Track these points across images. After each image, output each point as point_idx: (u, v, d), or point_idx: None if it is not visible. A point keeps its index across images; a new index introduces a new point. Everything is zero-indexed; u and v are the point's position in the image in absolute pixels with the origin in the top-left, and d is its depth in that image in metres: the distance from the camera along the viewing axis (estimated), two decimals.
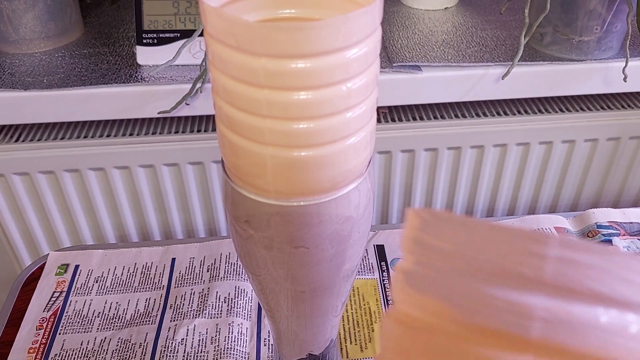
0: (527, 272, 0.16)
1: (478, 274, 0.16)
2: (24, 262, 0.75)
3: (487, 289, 0.16)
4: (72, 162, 0.67)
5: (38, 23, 0.65)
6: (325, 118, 0.22)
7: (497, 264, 0.16)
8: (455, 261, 0.17)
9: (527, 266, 0.16)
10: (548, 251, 0.16)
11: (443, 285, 0.17)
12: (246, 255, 0.28)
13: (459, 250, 0.17)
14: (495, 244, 0.16)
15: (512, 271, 0.16)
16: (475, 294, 0.16)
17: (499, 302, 0.16)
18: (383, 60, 0.64)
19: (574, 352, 0.15)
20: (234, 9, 0.24)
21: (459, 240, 0.17)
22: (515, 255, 0.16)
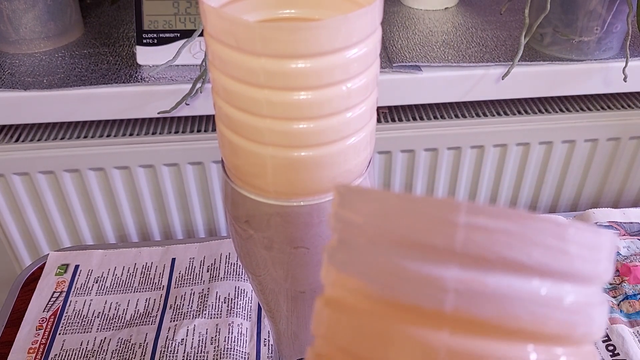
0: (439, 242, 0.15)
1: (393, 246, 0.16)
2: (24, 262, 0.75)
3: (403, 262, 0.16)
4: (72, 162, 0.67)
5: (38, 23, 0.65)
6: (325, 118, 0.22)
7: (410, 235, 0.16)
8: (371, 235, 0.17)
9: (439, 236, 0.15)
10: (458, 219, 0.15)
11: (361, 261, 0.17)
12: (246, 256, 0.28)
13: (374, 222, 0.17)
14: (408, 214, 0.16)
15: (425, 242, 0.15)
16: (391, 268, 0.16)
17: (413, 276, 0.15)
18: (383, 60, 0.64)
19: (490, 324, 0.15)
20: (234, 9, 0.24)
21: (373, 213, 0.17)
22: (427, 224, 0.15)
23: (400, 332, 0.16)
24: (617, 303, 0.50)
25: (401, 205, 0.16)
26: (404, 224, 0.16)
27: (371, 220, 0.17)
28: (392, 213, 0.16)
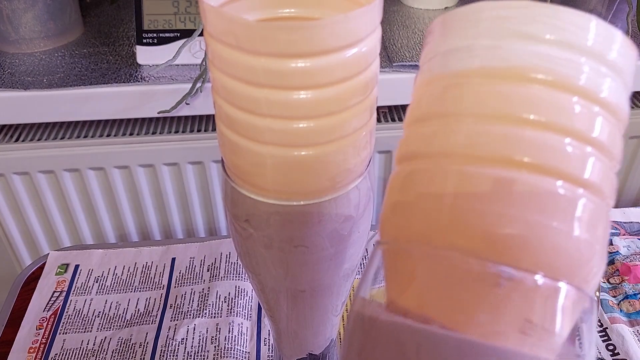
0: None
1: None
2: (24, 262, 0.75)
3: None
4: (72, 162, 0.67)
5: (38, 23, 0.65)
6: (325, 117, 0.22)
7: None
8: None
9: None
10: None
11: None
12: (246, 255, 0.28)
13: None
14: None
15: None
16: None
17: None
18: (383, 59, 0.64)
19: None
20: (233, 8, 0.24)
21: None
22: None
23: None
24: (617, 302, 0.50)
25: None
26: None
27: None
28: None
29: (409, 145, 0.20)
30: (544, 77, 0.17)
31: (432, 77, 0.19)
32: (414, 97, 0.20)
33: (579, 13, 0.18)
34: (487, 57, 0.18)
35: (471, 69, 0.18)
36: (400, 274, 0.18)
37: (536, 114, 0.17)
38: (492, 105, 0.17)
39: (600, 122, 0.18)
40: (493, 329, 0.16)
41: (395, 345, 0.17)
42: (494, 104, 0.17)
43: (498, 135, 0.17)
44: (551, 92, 0.17)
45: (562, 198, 0.16)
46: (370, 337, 0.18)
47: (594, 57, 0.17)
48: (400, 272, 0.18)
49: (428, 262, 0.17)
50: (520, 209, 0.16)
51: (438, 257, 0.17)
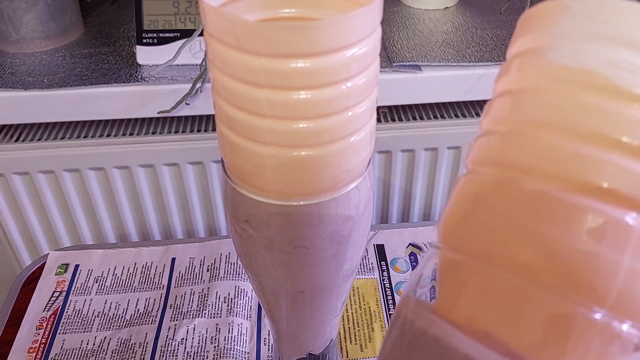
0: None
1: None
2: (24, 262, 0.75)
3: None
4: (72, 162, 0.67)
5: (38, 23, 0.65)
6: (325, 118, 0.22)
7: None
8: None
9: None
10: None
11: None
12: (246, 255, 0.28)
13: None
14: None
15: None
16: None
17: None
18: (383, 60, 0.64)
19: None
20: (234, 8, 0.24)
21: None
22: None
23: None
24: None
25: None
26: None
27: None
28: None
29: (478, 150, 0.19)
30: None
31: (509, 78, 0.18)
32: (496, 93, 0.19)
33: None
34: (567, 57, 0.16)
35: (549, 71, 0.17)
36: (456, 285, 0.17)
37: (629, 137, 0.15)
38: (567, 116, 0.16)
39: None
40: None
41: (444, 356, 0.16)
42: (570, 116, 0.16)
43: (572, 154, 0.15)
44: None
45: (635, 232, 0.15)
46: (415, 344, 0.17)
47: None
48: (456, 283, 0.17)
49: (491, 281, 0.16)
50: (591, 240, 0.15)
51: (505, 281, 0.16)
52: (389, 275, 0.54)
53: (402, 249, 0.57)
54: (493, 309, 0.16)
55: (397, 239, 0.58)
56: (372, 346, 0.48)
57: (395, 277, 0.54)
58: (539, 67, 0.17)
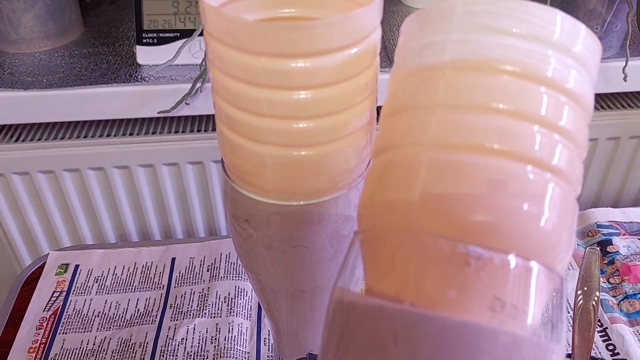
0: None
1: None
2: (24, 262, 0.75)
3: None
4: (72, 162, 0.67)
5: (38, 23, 0.65)
6: (325, 117, 0.22)
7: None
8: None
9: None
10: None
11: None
12: (246, 255, 0.28)
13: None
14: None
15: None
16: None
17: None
18: (383, 59, 0.64)
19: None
20: (233, 8, 0.24)
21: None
22: None
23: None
24: (617, 302, 0.50)
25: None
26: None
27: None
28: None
29: (384, 138, 0.20)
30: (512, 68, 0.18)
31: (407, 71, 0.20)
32: (389, 91, 0.21)
33: (546, 8, 0.18)
34: (459, 51, 0.18)
35: (443, 62, 0.19)
36: (377, 262, 0.19)
37: (505, 103, 0.17)
38: (463, 95, 0.18)
39: (567, 111, 0.18)
40: (463, 306, 0.16)
41: (373, 328, 0.17)
42: (464, 95, 0.18)
43: (468, 124, 0.18)
44: (519, 82, 0.18)
45: (531, 182, 0.17)
46: (350, 322, 0.18)
47: (560, 50, 0.18)
48: (377, 260, 0.19)
49: (401, 246, 0.18)
50: (489, 192, 0.17)
51: (410, 241, 0.17)
52: None
53: None
54: (410, 274, 0.17)
55: None
56: None
57: None
58: (424, 62, 0.19)
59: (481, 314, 0.16)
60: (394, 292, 0.17)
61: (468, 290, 0.16)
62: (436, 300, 0.17)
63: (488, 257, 0.16)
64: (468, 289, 0.16)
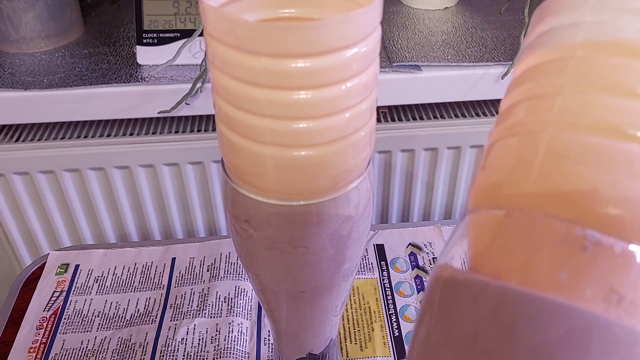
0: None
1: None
2: (24, 262, 0.75)
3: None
4: (72, 162, 0.67)
5: (38, 22, 0.65)
6: (325, 118, 0.22)
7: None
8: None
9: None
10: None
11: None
12: (246, 255, 0.28)
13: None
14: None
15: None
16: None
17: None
18: (383, 60, 0.64)
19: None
20: (234, 8, 0.24)
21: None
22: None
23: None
24: None
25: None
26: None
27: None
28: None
29: (506, 118, 0.19)
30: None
31: (534, 55, 0.19)
32: (515, 76, 0.20)
33: None
34: (592, 31, 0.17)
35: (574, 42, 0.17)
36: (484, 241, 0.17)
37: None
38: (596, 76, 0.17)
39: None
40: (574, 291, 0.15)
41: (474, 304, 0.16)
42: (598, 76, 0.17)
43: (604, 105, 0.16)
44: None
45: None
46: (450, 298, 0.17)
47: None
48: (484, 239, 0.17)
49: (511, 224, 0.16)
50: (623, 177, 0.15)
51: (522, 219, 0.16)
52: (389, 275, 0.54)
53: (402, 249, 0.57)
54: (519, 255, 0.16)
55: (397, 238, 0.58)
56: (372, 346, 0.48)
57: (395, 277, 0.54)
58: (553, 43, 0.18)
59: (594, 304, 0.15)
60: (498, 272, 0.16)
61: (581, 276, 0.15)
62: (544, 282, 0.16)
63: (607, 244, 0.15)
64: (582, 274, 0.15)
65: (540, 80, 0.18)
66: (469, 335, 0.16)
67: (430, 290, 0.18)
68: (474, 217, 0.18)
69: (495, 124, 0.20)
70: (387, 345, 0.48)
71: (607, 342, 0.15)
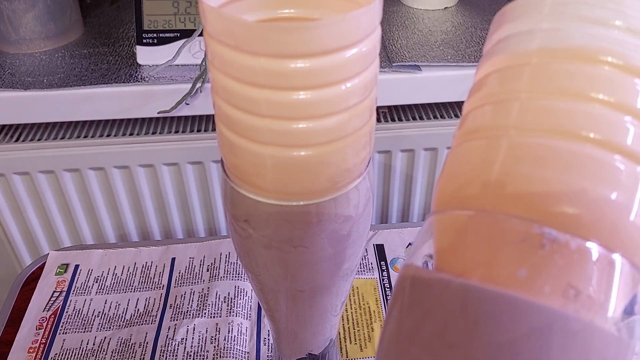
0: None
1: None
2: (24, 262, 0.76)
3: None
4: (72, 162, 0.67)
5: (38, 23, 0.65)
6: (325, 118, 0.22)
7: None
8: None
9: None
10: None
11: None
12: (246, 255, 0.28)
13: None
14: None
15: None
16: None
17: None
18: (383, 60, 0.64)
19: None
20: (233, 8, 0.24)
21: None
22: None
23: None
24: None
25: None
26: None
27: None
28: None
29: (467, 123, 0.20)
30: (613, 59, 0.17)
31: (492, 61, 0.19)
32: (475, 81, 0.21)
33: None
34: (547, 39, 0.18)
35: (530, 49, 0.18)
36: (448, 241, 0.18)
37: (605, 94, 0.17)
38: (551, 82, 0.17)
39: None
40: (533, 287, 0.16)
41: (440, 301, 0.17)
42: (552, 81, 0.17)
43: (556, 110, 0.17)
44: (620, 74, 0.17)
45: (623, 173, 0.16)
46: (412, 295, 0.18)
47: None
48: (448, 239, 0.18)
49: (474, 224, 0.17)
50: (579, 177, 0.16)
51: (484, 219, 0.17)
52: (389, 275, 0.54)
53: (402, 249, 0.57)
54: (481, 253, 0.17)
55: (396, 238, 0.58)
56: (372, 346, 0.48)
57: (395, 277, 0.54)
58: (510, 50, 0.19)
59: (553, 299, 0.16)
60: (462, 270, 0.17)
61: (540, 273, 0.16)
62: (505, 279, 0.16)
63: (564, 241, 0.16)
64: (540, 271, 0.16)
65: (498, 86, 0.19)
66: (437, 330, 0.17)
67: (398, 288, 0.19)
68: (438, 218, 0.19)
69: (458, 127, 0.20)
70: None
71: (567, 337, 0.15)
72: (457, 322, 0.16)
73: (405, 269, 0.19)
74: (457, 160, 0.19)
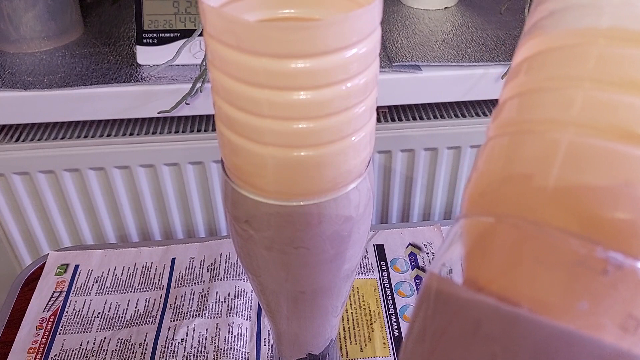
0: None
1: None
2: (24, 262, 0.75)
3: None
4: (72, 162, 0.67)
5: (38, 22, 0.65)
6: (325, 118, 0.22)
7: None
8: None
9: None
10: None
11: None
12: (246, 256, 0.28)
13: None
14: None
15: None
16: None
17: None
18: (383, 60, 0.64)
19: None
20: (233, 8, 0.24)
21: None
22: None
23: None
24: None
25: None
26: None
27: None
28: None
29: (504, 113, 0.17)
30: None
31: (541, 39, 0.16)
32: (516, 63, 0.17)
33: None
34: (619, 16, 0.15)
35: (596, 27, 0.15)
36: (484, 251, 0.16)
37: None
38: (621, 71, 0.15)
39: None
40: (591, 320, 0.14)
41: (473, 327, 0.15)
42: (623, 70, 0.14)
43: (624, 105, 0.14)
44: None
45: None
46: (445, 315, 0.16)
47: None
48: (485, 249, 0.16)
49: (522, 239, 0.15)
50: (632, 186, 0.14)
51: (530, 232, 0.15)
52: (389, 275, 0.54)
53: (402, 249, 0.57)
54: (527, 273, 0.15)
55: (396, 239, 0.58)
56: (372, 346, 0.48)
57: (395, 277, 0.54)
58: (570, 26, 0.16)
59: (610, 333, 0.14)
60: (501, 288, 0.15)
61: (600, 303, 0.14)
62: (559, 308, 0.14)
63: (630, 267, 0.14)
64: (601, 301, 0.14)
65: (554, 70, 0.16)
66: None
67: (419, 298, 0.17)
68: (468, 223, 0.17)
69: (493, 118, 0.18)
70: (387, 345, 0.48)
71: None
72: (504, 354, 0.14)
73: (427, 277, 0.17)
74: (505, 156, 0.16)
